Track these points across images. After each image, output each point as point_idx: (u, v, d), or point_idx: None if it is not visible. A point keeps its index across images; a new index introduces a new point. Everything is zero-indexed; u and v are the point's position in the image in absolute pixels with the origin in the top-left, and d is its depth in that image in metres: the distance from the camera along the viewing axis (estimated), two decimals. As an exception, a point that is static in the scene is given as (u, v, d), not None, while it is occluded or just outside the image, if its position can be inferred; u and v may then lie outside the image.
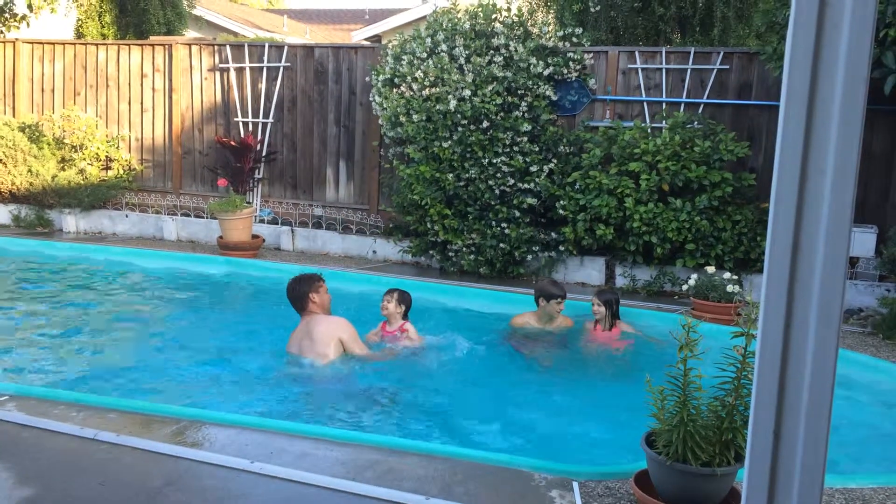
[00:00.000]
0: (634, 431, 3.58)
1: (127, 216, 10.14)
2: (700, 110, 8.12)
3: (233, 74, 9.97)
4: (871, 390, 5.30)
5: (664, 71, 8.25)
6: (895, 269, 6.41)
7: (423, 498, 3.27)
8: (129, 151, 10.60)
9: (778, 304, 1.17)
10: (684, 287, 6.72)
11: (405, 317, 5.80)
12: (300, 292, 5.43)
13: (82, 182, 10.14)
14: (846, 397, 5.00)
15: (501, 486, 3.43)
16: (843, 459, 4.11)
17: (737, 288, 6.35)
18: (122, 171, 10.45)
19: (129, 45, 10.60)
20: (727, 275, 6.56)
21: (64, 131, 10.37)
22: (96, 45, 10.77)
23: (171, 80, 10.28)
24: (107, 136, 10.54)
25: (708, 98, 8.11)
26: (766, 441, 1.19)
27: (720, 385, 3.16)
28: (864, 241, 6.97)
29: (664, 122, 7.99)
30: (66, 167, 10.28)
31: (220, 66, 10.05)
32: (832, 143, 1.22)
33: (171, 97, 10.30)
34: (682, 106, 8.18)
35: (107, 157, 10.44)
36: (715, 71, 8.08)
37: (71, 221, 10.06)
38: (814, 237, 1.23)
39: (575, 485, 3.45)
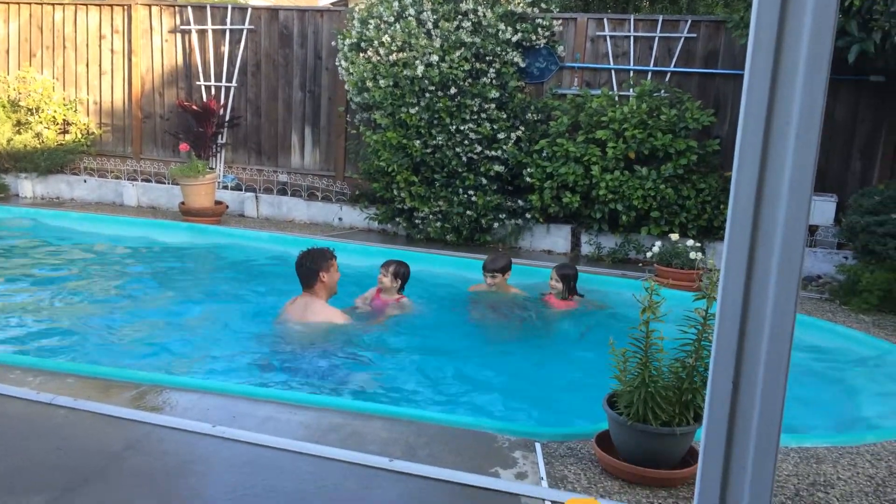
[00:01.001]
0: (593, 395, 3.62)
1: (85, 181, 9.92)
2: (667, 79, 8.13)
3: (195, 37, 9.73)
4: (828, 355, 5.41)
5: (632, 39, 8.23)
6: (853, 238, 6.52)
7: (386, 460, 3.27)
8: (88, 115, 10.33)
9: (740, 252, 1.17)
10: (648, 254, 6.78)
11: (401, 290, 5.71)
12: (311, 269, 5.18)
13: (39, 146, 9.87)
14: (802, 361, 5.10)
15: (465, 448, 3.45)
16: (798, 420, 4.20)
17: (699, 255, 6.42)
18: (80, 136, 10.18)
19: (86, 5, 10.26)
20: (690, 242, 6.62)
21: (19, 94, 10.06)
22: (52, 4, 10.40)
23: (130, 42, 10.00)
24: (64, 99, 10.25)
25: (675, 66, 8.12)
26: (724, 391, 1.20)
27: (681, 347, 3.20)
28: (824, 210, 7.07)
29: (631, 90, 7.99)
30: (21, 130, 9.98)
31: (182, 27, 9.80)
32: (795, 109, 1.21)
33: (130, 59, 10.03)
34: (650, 74, 8.19)
35: (64, 120, 10.16)
36: (682, 39, 8.08)
37: (27, 186, 9.81)
38: (776, 199, 1.23)
39: (537, 445, 3.48)
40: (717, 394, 1.27)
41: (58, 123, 10.13)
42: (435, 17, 8.03)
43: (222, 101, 9.66)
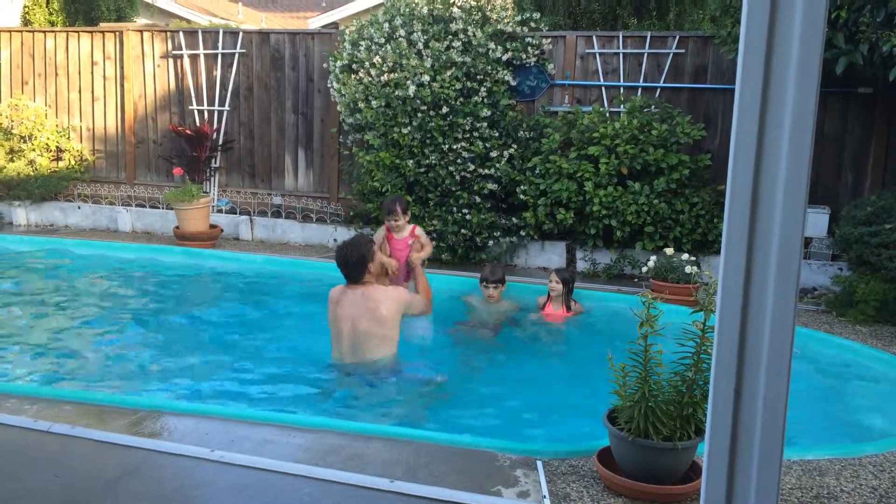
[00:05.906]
0: (593, 411, 3.61)
1: (79, 208, 9.91)
2: (657, 94, 8.19)
3: (186, 61, 9.77)
4: (826, 366, 5.41)
5: (621, 55, 8.30)
6: (847, 249, 6.54)
7: (387, 481, 3.25)
8: (81, 141, 10.33)
9: (737, 259, 1.17)
10: (644, 269, 6.79)
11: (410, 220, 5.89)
12: (359, 261, 4.93)
13: (32, 173, 9.86)
14: (801, 372, 5.10)
15: (466, 468, 3.42)
16: (800, 432, 4.19)
17: (695, 269, 6.43)
18: (73, 162, 10.18)
19: (78, 32, 10.31)
20: (685, 256, 6.64)
21: (12, 121, 10.05)
22: (44, 32, 10.46)
23: (122, 68, 10.03)
24: (57, 125, 10.25)
25: (664, 82, 8.18)
26: (726, 398, 1.19)
27: (680, 360, 3.20)
28: (817, 222, 7.10)
29: (622, 106, 8.03)
30: (14, 158, 9.98)
31: (174, 52, 9.84)
32: (787, 122, 1.22)
33: (122, 85, 10.06)
34: (640, 90, 8.24)
35: (57, 147, 10.16)
36: (671, 55, 8.14)
37: (21, 214, 9.80)
38: (771, 207, 1.23)
39: (539, 464, 3.47)
40: (718, 402, 1.27)
41: (51, 150, 10.13)
42: (425, 37, 8.08)
43: (215, 125, 9.68)
